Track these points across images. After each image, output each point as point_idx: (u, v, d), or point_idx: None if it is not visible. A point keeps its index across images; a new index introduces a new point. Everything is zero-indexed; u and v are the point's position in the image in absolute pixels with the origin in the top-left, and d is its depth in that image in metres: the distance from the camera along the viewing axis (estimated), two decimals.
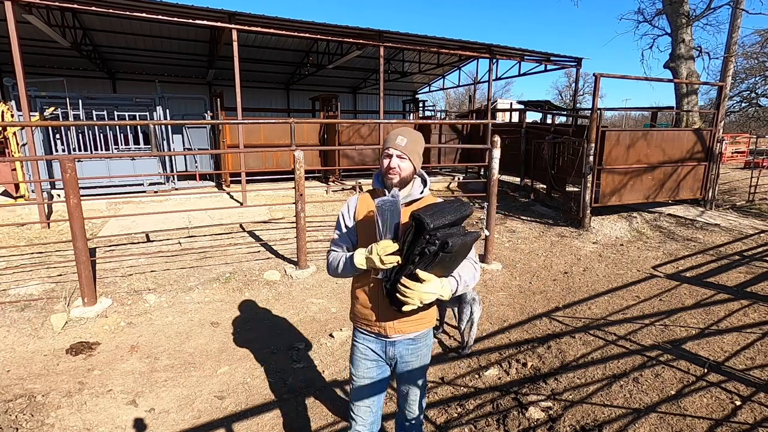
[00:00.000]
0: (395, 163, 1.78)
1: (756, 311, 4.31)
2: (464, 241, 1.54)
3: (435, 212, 1.56)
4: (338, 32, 10.24)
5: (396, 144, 1.78)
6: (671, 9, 10.50)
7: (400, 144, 1.78)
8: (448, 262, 1.56)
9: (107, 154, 9.00)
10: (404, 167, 1.79)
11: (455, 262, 1.63)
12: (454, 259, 1.59)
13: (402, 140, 1.78)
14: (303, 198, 5.14)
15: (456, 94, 42.69)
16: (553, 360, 3.47)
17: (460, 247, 1.52)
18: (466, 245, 1.57)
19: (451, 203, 1.66)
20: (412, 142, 1.80)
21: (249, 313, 4.41)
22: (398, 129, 1.84)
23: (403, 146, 1.78)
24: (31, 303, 4.35)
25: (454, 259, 1.57)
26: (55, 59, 14.49)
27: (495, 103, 23.31)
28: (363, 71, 18.83)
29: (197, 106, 13.64)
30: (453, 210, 1.62)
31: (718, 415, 2.75)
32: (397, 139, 1.79)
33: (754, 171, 10.45)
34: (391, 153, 1.79)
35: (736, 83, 16.23)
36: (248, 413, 2.88)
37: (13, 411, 2.82)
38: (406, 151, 1.79)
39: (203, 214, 7.32)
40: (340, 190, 10.36)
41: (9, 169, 7.78)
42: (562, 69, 14.86)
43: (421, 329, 1.91)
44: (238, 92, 8.73)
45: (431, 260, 1.51)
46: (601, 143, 7.44)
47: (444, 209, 1.59)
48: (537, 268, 5.77)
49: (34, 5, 7.83)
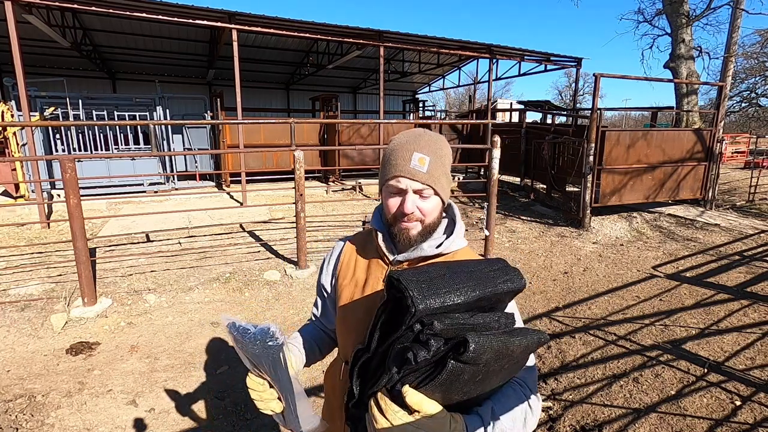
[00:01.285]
0: (412, 207, 0.99)
1: (756, 311, 4.31)
2: (507, 346, 0.73)
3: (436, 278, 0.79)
4: (338, 32, 10.24)
5: (413, 170, 0.98)
6: (671, 9, 10.50)
7: (419, 170, 0.97)
8: (468, 382, 0.74)
9: (107, 154, 9.00)
10: (429, 210, 1.01)
11: (484, 385, 0.78)
12: (483, 379, 0.76)
13: (422, 160, 0.98)
14: (303, 198, 5.14)
15: (456, 94, 42.74)
16: (553, 360, 3.47)
17: (496, 357, 0.72)
18: (510, 354, 0.75)
19: (476, 264, 0.86)
20: (436, 160, 1.00)
21: (249, 313, 4.41)
22: (407, 138, 1.02)
23: (426, 173, 0.98)
24: (31, 303, 4.35)
25: (481, 378, 0.75)
26: (55, 59, 14.49)
27: (495, 103, 23.31)
28: (363, 71, 18.83)
29: (197, 106, 13.65)
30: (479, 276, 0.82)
31: (718, 415, 2.75)
32: (413, 160, 0.98)
33: (754, 171, 10.45)
34: (404, 186, 0.99)
35: (736, 83, 16.24)
36: (248, 413, 2.88)
37: (13, 411, 2.82)
38: (432, 181, 0.99)
39: (203, 214, 7.32)
40: (340, 190, 10.37)
41: (9, 169, 7.78)
42: (562, 69, 14.87)
43: None
44: (238, 92, 8.73)
45: (427, 375, 0.73)
46: (601, 143, 7.44)
47: (459, 273, 0.82)
48: (537, 268, 5.77)
49: (34, 5, 7.83)
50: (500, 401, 0.85)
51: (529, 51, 12.55)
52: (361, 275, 1.11)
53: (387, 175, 1.01)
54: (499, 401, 0.84)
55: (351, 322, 1.07)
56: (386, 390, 0.76)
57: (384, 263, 1.09)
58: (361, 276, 1.11)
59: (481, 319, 0.78)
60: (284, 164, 10.55)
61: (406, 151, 0.99)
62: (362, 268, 1.13)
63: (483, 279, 0.82)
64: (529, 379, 0.93)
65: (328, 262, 1.23)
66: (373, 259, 1.12)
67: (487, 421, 0.80)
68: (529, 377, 0.93)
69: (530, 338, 0.78)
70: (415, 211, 1.00)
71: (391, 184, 1.01)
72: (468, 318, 0.77)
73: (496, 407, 0.83)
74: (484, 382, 0.77)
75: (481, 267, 0.85)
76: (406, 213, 0.99)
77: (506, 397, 0.86)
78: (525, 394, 0.89)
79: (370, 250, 1.13)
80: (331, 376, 1.17)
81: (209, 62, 15.31)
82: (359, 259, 1.15)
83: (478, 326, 0.77)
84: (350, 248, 1.19)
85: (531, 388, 0.92)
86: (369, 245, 1.15)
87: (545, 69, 14.25)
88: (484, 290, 0.80)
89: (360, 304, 1.07)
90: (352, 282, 1.12)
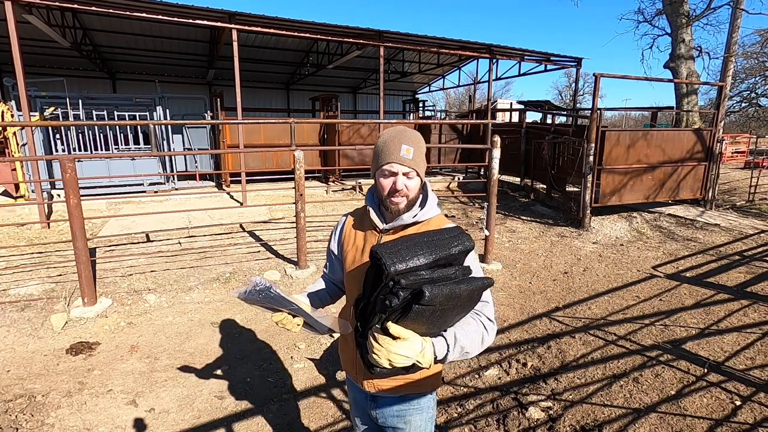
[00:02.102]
0: (402, 184, 1.33)
1: (756, 311, 4.31)
2: (454, 291, 1.06)
3: (402, 248, 1.10)
4: (338, 32, 10.24)
5: (401, 158, 1.31)
6: (671, 9, 10.50)
7: (406, 157, 1.32)
8: (431, 317, 1.08)
9: (107, 154, 9.00)
10: (412, 186, 1.35)
11: (445, 318, 1.13)
12: (442, 314, 1.10)
13: (408, 150, 1.32)
14: (303, 198, 5.14)
15: (456, 94, 42.71)
16: (553, 360, 3.47)
17: (446, 299, 1.05)
18: (458, 296, 1.08)
19: (437, 233, 1.19)
20: (418, 150, 1.35)
21: (249, 312, 4.41)
22: (395, 133, 1.35)
23: (412, 159, 1.32)
24: (31, 303, 4.35)
25: (440, 314, 1.09)
26: (55, 59, 14.49)
27: (495, 103, 23.32)
28: (363, 71, 18.83)
29: (197, 106, 13.65)
30: (436, 244, 1.14)
31: (718, 415, 2.75)
32: (401, 150, 1.31)
33: (754, 171, 10.45)
34: (396, 170, 1.33)
35: (736, 83, 16.24)
36: (248, 413, 2.88)
37: (13, 411, 2.82)
38: (416, 165, 1.34)
39: (203, 214, 7.32)
40: (340, 190, 10.36)
41: (9, 169, 7.78)
42: (562, 69, 14.87)
43: (412, 390, 1.44)
44: (238, 92, 8.73)
45: (402, 314, 1.07)
46: (601, 143, 7.44)
47: (420, 243, 1.13)
48: (537, 268, 5.77)
49: (34, 5, 7.83)
50: (461, 327, 1.20)
51: (529, 51, 12.55)
52: (360, 242, 1.46)
53: (381, 162, 1.34)
54: (460, 327, 1.19)
55: (354, 276, 1.42)
56: (378, 326, 1.11)
57: (376, 232, 1.43)
58: (360, 242, 1.46)
59: (440, 273, 1.11)
60: (284, 164, 10.55)
61: (396, 142, 1.32)
62: (360, 236, 1.47)
63: (438, 245, 1.14)
64: (486, 310, 1.28)
65: (335, 233, 1.60)
66: (368, 229, 1.46)
67: (450, 340, 1.16)
68: (485, 309, 1.28)
69: (474, 284, 1.11)
70: (403, 188, 1.34)
71: (385, 168, 1.34)
72: (430, 273, 1.09)
73: (457, 332, 1.18)
74: (445, 317, 1.12)
75: (439, 236, 1.17)
76: (398, 189, 1.33)
77: (467, 324, 1.21)
78: (481, 321, 1.25)
79: (366, 222, 1.47)
80: (344, 312, 1.56)
81: (209, 62, 15.31)
82: (358, 228, 1.50)
83: (437, 278, 1.09)
84: (351, 221, 1.55)
85: (487, 316, 1.28)
86: (365, 219, 1.48)
87: (545, 69, 14.25)
88: (440, 253, 1.12)
89: (359, 263, 1.43)
90: (353, 247, 1.48)
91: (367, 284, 1.20)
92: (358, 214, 1.54)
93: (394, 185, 1.33)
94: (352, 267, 1.45)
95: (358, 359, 1.41)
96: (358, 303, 1.25)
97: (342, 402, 3.00)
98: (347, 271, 1.48)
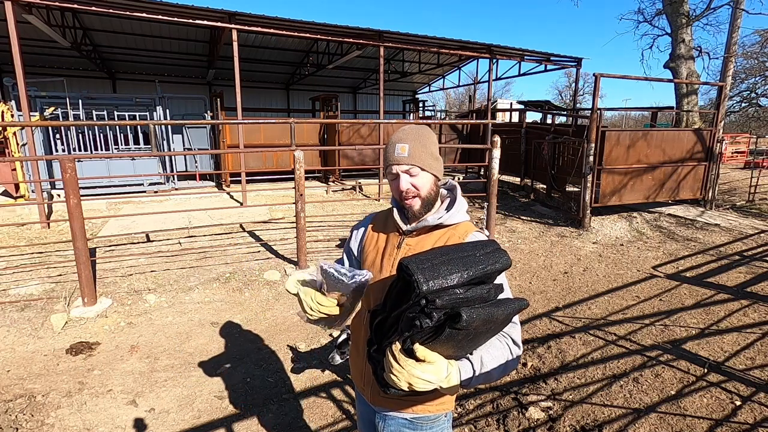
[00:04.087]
0: (406, 184, 1.28)
1: (756, 311, 4.31)
2: (492, 315, 0.97)
3: (436, 264, 1.01)
4: (338, 32, 10.24)
5: (397, 157, 1.27)
6: (671, 9, 10.50)
7: (401, 155, 1.27)
8: (462, 340, 0.99)
9: (107, 154, 9.00)
10: (421, 184, 1.29)
11: (476, 341, 1.05)
12: (474, 338, 1.01)
13: (402, 148, 1.27)
14: (303, 198, 5.14)
15: (456, 94, 42.72)
16: (553, 360, 3.47)
17: (483, 323, 0.96)
18: (494, 320, 0.99)
19: (472, 248, 1.08)
20: (416, 144, 1.28)
21: (249, 312, 4.41)
22: (394, 135, 1.33)
23: (407, 156, 1.27)
24: (31, 303, 4.35)
25: (472, 337, 1.01)
26: (55, 59, 14.49)
27: (495, 103, 23.32)
28: (363, 71, 18.82)
29: (197, 106, 13.66)
30: (472, 261, 1.04)
31: (718, 415, 2.75)
32: (396, 149, 1.28)
33: (754, 171, 10.46)
34: (396, 171, 1.29)
35: (736, 83, 16.22)
36: (248, 413, 2.88)
37: (13, 411, 2.82)
38: (414, 161, 1.27)
39: (203, 214, 7.32)
40: (340, 190, 10.37)
41: (9, 169, 7.78)
42: (562, 69, 14.86)
43: (421, 412, 1.31)
44: (238, 92, 8.73)
45: (432, 336, 0.98)
46: (601, 143, 7.44)
47: (455, 259, 1.03)
48: (537, 268, 5.77)
49: (34, 5, 7.83)
50: (487, 350, 1.12)
51: (529, 51, 12.54)
52: (381, 243, 1.41)
53: (384, 167, 1.34)
54: (486, 350, 1.11)
55: (374, 284, 1.33)
56: (399, 344, 1.01)
57: (398, 233, 1.38)
58: (381, 244, 1.41)
59: (474, 292, 1.00)
60: (284, 164, 10.55)
61: (392, 144, 1.30)
62: (383, 238, 1.42)
63: (474, 261, 1.04)
64: (513, 332, 1.19)
65: (357, 231, 1.52)
66: (391, 230, 1.40)
67: (477, 365, 1.08)
68: (513, 331, 1.19)
69: (511, 307, 1.02)
70: (409, 187, 1.28)
71: (389, 172, 1.32)
72: (464, 292, 0.99)
73: (484, 356, 1.10)
74: (475, 341, 1.04)
75: (474, 251, 1.07)
76: (402, 190, 1.29)
77: (493, 347, 1.13)
78: (508, 344, 1.16)
79: (390, 223, 1.41)
80: (357, 319, 1.48)
81: (209, 62, 15.31)
82: (381, 230, 1.44)
83: (472, 299, 0.99)
84: (375, 222, 1.49)
85: (514, 339, 1.18)
86: (389, 220, 1.42)
87: (545, 69, 14.25)
88: (476, 271, 1.02)
89: (379, 266, 1.37)
90: (374, 249, 1.42)
91: (390, 297, 1.10)
92: (383, 214, 1.48)
93: (400, 186, 1.29)
94: (372, 269, 1.38)
95: (367, 372, 1.34)
96: (375, 314, 1.15)
97: (342, 402, 3.00)
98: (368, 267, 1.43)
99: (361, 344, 1.38)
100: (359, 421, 1.57)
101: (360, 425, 1.56)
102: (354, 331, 1.49)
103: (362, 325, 1.41)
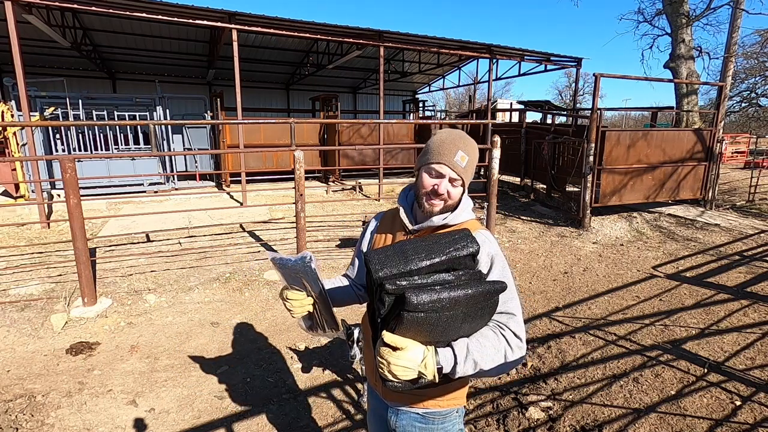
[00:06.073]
0: (444, 189, 1.28)
1: (756, 311, 4.31)
2: (451, 296, 0.97)
3: (395, 252, 1.06)
4: (338, 32, 10.24)
5: (454, 163, 1.26)
6: (671, 9, 10.50)
7: (459, 163, 1.26)
8: (432, 325, 0.99)
9: (107, 154, 9.00)
10: (455, 194, 1.30)
11: (450, 326, 1.03)
12: (446, 322, 1.01)
13: (463, 158, 1.27)
14: (303, 198, 5.14)
15: (456, 94, 42.72)
16: (553, 360, 3.47)
17: (442, 305, 0.96)
18: (456, 301, 0.98)
19: (442, 237, 1.13)
20: (473, 159, 1.30)
21: (249, 312, 4.41)
22: (455, 136, 1.29)
23: (464, 167, 1.28)
24: (31, 303, 4.35)
25: (444, 321, 1.00)
26: (55, 59, 14.49)
27: (495, 103, 23.32)
28: (363, 71, 18.82)
29: (197, 106, 13.66)
30: (435, 248, 1.07)
31: (718, 415, 2.75)
32: (456, 154, 1.26)
33: (754, 171, 10.45)
34: (444, 173, 1.27)
35: (736, 83, 16.21)
36: (248, 413, 2.88)
37: (13, 411, 2.82)
38: (465, 175, 1.29)
39: (203, 214, 7.32)
40: (340, 190, 10.36)
41: (9, 169, 7.78)
42: (562, 69, 14.86)
43: (432, 406, 1.32)
44: (238, 92, 8.73)
45: (397, 323, 0.99)
46: (601, 143, 7.44)
47: (418, 247, 1.07)
48: (537, 268, 5.77)
49: (34, 5, 7.82)
50: (477, 339, 1.10)
51: (529, 51, 12.54)
52: (389, 242, 1.42)
53: (431, 160, 1.28)
54: (476, 339, 1.10)
55: None
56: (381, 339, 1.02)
57: (404, 232, 1.39)
58: (389, 243, 1.40)
59: (438, 277, 1.02)
60: (284, 164, 10.55)
61: (453, 145, 1.27)
62: (390, 238, 1.44)
63: (437, 248, 1.07)
64: (512, 324, 1.18)
65: (365, 233, 1.54)
66: (398, 230, 1.42)
67: (459, 351, 1.06)
68: (511, 322, 1.18)
69: (477, 288, 1.00)
70: (445, 192, 1.28)
71: (434, 167, 1.28)
72: (426, 278, 1.01)
73: (471, 343, 1.09)
74: (449, 325, 1.01)
75: (442, 239, 1.10)
76: (440, 193, 1.28)
77: (484, 337, 1.11)
78: (504, 336, 1.15)
79: (396, 222, 1.43)
80: (364, 323, 1.50)
81: (209, 62, 15.31)
82: (388, 230, 1.46)
83: (431, 284, 1.01)
84: (384, 221, 1.50)
85: (513, 331, 1.17)
86: (396, 219, 1.44)
87: (545, 69, 14.25)
88: (438, 257, 1.05)
89: None
90: (383, 243, 1.43)
91: (369, 291, 1.14)
92: (390, 215, 1.50)
93: (437, 187, 1.28)
94: None
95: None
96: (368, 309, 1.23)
97: (342, 402, 3.00)
98: None
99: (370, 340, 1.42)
100: (369, 415, 1.59)
101: (370, 418, 1.58)
102: (365, 328, 1.51)
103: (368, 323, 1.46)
